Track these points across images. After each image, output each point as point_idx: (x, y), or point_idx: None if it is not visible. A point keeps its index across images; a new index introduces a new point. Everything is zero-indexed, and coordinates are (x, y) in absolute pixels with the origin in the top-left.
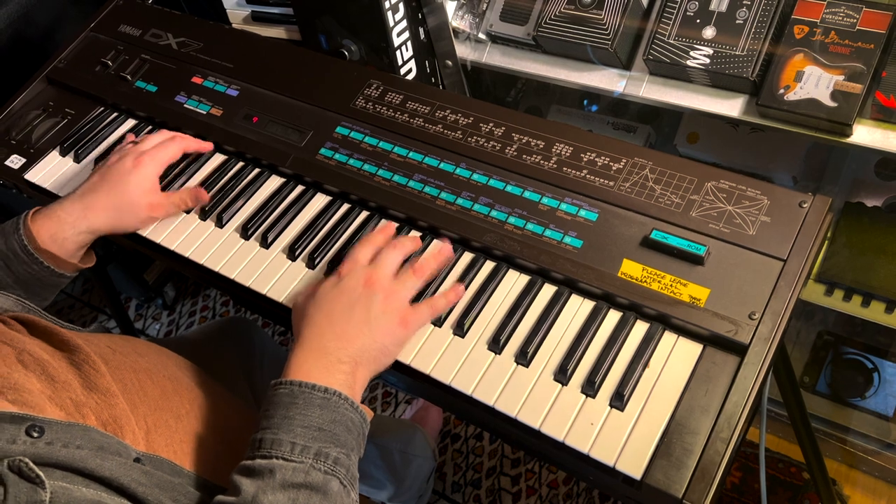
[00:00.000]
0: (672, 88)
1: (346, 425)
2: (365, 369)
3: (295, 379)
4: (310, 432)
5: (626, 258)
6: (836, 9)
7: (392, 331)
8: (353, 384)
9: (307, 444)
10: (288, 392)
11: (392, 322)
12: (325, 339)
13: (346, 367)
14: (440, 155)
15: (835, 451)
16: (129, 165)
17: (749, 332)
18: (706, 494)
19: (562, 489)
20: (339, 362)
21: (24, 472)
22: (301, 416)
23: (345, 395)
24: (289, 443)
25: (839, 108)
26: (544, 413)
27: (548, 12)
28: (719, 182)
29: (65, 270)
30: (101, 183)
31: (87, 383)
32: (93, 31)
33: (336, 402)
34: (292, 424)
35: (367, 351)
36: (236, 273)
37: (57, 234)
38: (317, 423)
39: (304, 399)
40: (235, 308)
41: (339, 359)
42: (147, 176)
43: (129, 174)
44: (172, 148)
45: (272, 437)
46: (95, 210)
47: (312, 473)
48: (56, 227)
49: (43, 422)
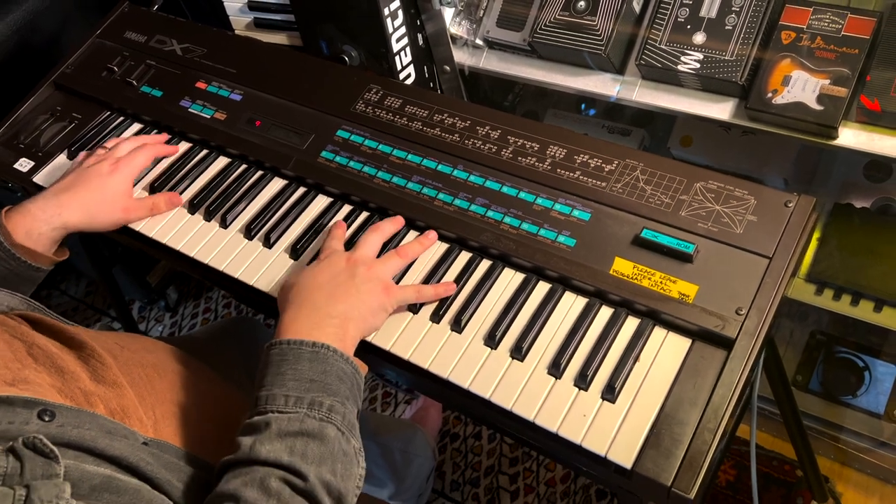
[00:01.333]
0: (664, 92)
1: (337, 375)
2: (354, 326)
3: (284, 338)
4: (302, 384)
5: (618, 256)
6: (822, 15)
7: (377, 295)
8: (343, 337)
9: (300, 395)
10: (278, 351)
11: (377, 287)
12: (313, 297)
13: (336, 320)
14: (438, 157)
15: (827, 449)
16: (107, 169)
17: (736, 327)
18: (694, 482)
19: (559, 487)
20: (329, 317)
21: (38, 447)
22: (292, 370)
23: (334, 347)
24: (282, 396)
25: (825, 112)
26: (538, 405)
27: (543, 19)
28: (708, 182)
29: (41, 264)
30: (78, 183)
31: (95, 376)
32: (99, 37)
33: (325, 354)
34: (284, 379)
35: (355, 307)
36: (240, 272)
37: (32, 230)
38: (308, 375)
39: (293, 354)
40: (237, 309)
41: (328, 314)
42: (124, 180)
43: (107, 177)
44: (144, 155)
45: (266, 393)
46: (70, 207)
47: (307, 421)
48: (31, 223)
49: (54, 406)
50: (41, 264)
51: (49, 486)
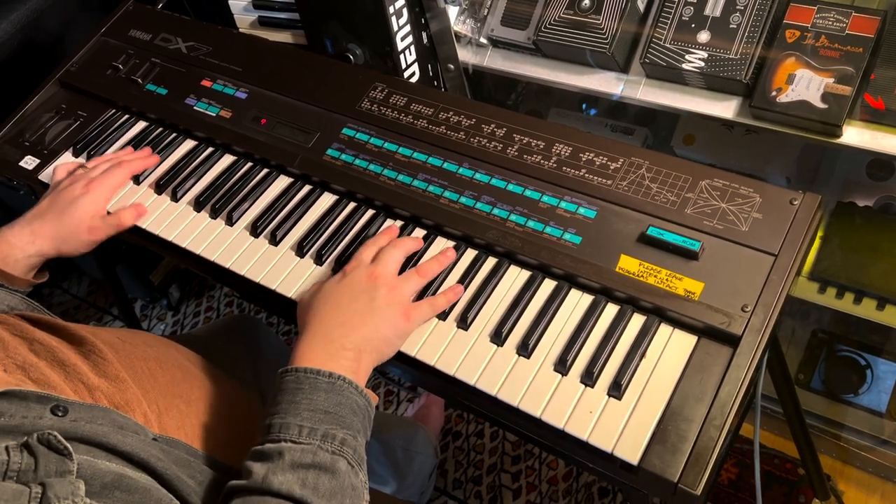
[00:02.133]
0: (668, 91)
1: (351, 408)
2: (368, 357)
3: (300, 366)
4: (316, 415)
5: (624, 254)
6: (827, 13)
7: (394, 322)
8: (357, 370)
9: (314, 426)
10: (294, 378)
11: (395, 314)
12: (329, 327)
13: (351, 353)
14: (443, 155)
15: (829, 447)
16: (79, 192)
17: (741, 324)
18: (700, 478)
19: (561, 485)
20: (343, 349)
21: (52, 444)
22: (307, 400)
23: (349, 378)
24: (296, 426)
25: (829, 110)
26: (545, 402)
27: (547, 17)
28: (713, 180)
29: (19, 287)
30: (50, 209)
31: (97, 371)
32: (104, 35)
33: (341, 386)
34: (299, 408)
35: (370, 340)
36: (246, 269)
37: (8, 258)
38: (323, 406)
39: (309, 384)
40: (240, 308)
41: (342, 346)
42: (95, 202)
43: (78, 199)
44: (120, 174)
45: (280, 421)
46: (42, 237)
47: (320, 454)
48: (7, 251)
49: (66, 402)
50: (18, 287)
51: (64, 483)
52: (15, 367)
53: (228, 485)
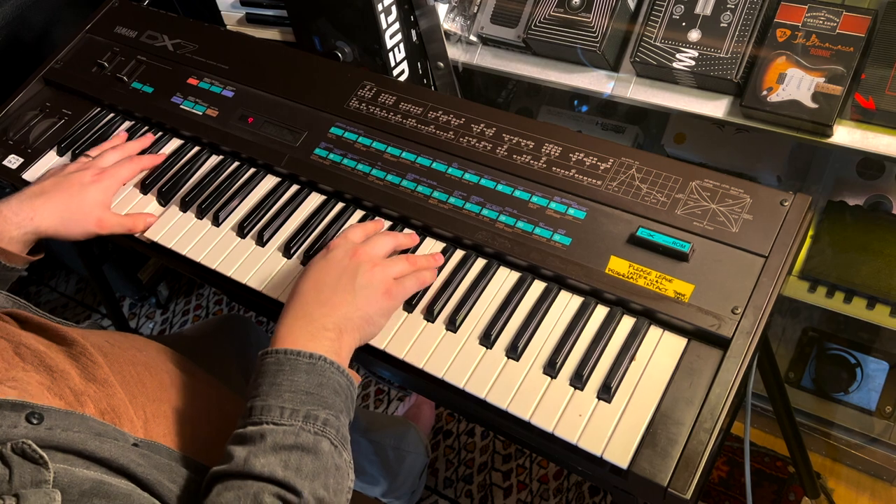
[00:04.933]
0: (658, 90)
1: (333, 388)
2: (350, 337)
3: (280, 347)
4: (298, 396)
5: (614, 255)
6: (817, 13)
7: (376, 300)
8: (338, 350)
9: (296, 407)
10: (275, 360)
11: (376, 292)
12: (309, 307)
13: (331, 333)
14: (432, 155)
15: (819, 446)
16: (89, 179)
17: (732, 327)
18: (690, 482)
19: (552, 484)
20: (324, 329)
21: (27, 453)
22: (288, 381)
23: (330, 359)
24: (277, 408)
25: (820, 110)
26: (534, 405)
27: (537, 15)
28: (703, 181)
29: (16, 264)
30: (56, 189)
31: (86, 374)
32: (89, 32)
33: (322, 367)
34: (280, 390)
35: (350, 319)
36: (233, 271)
37: (3, 233)
38: (304, 387)
39: (290, 365)
40: (229, 307)
41: (323, 325)
42: (104, 191)
43: (88, 186)
44: (131, 168)
45: (261, 403)
46: (44, 214)
47: (302, 435)
48: (2, 226)
49: (42, 409)
50: (15, 264)
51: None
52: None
53: (211, 471)
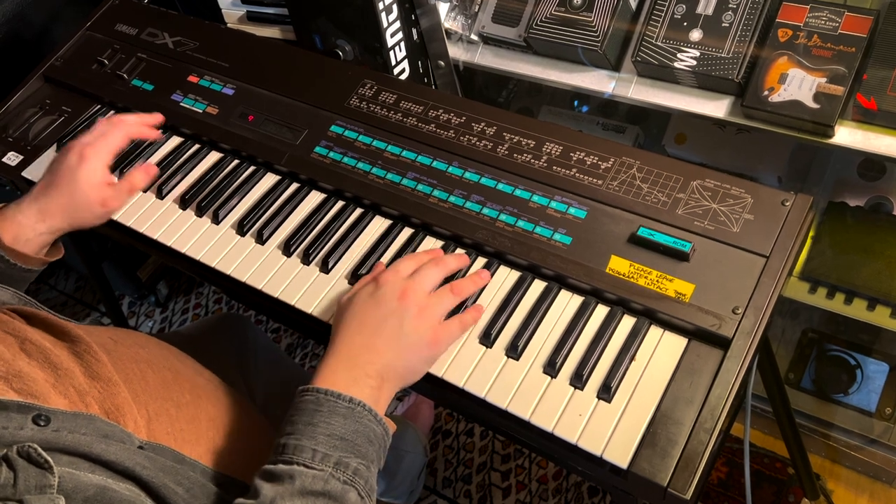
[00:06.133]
0: (660, 90)
1: (368, 436)
2: (390, 385)
3: (321, 387)
4: (332, 441)
5: (614, 254)
6: (819, 13)
7: (420, 350)
8: (378, 398)
9: (328, 452)
10: (314, 399)
11: (422, 341)
12: (355, 349)
13: (373, 381)
14: (433, 153)
15: (819, 447)
16: (74, 162)
17: (732, 327)
18: (690, 482)
19: (551, 484)
20: (367, 376)
21: (32, 457)
22: (325, 423)
23: (369, 406)
24: (310, 449)
25: (821, 110)
26: (534, 405)
27: (539, 14)
28: (705, 181)
29: (32, 266)
30: (51, 183)
31: (89, 372)
32: (89, 29)
33: (360, 413)
34: (315, 431)
35: (394, 368)
36: (232, 269)
37: (19, 236)
38: (339, 432)
39: (328, 407)
40: (228, 305)
41: (366, 372)
42: (94, 170)
43: (75, 171)
44: (116, 136)
45: (295, 442)
46: (51, 212)
47: (331, 482)
48: (17, 230)
49: (49, 411)
50: (33, 266)
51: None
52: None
53: (235, 502)
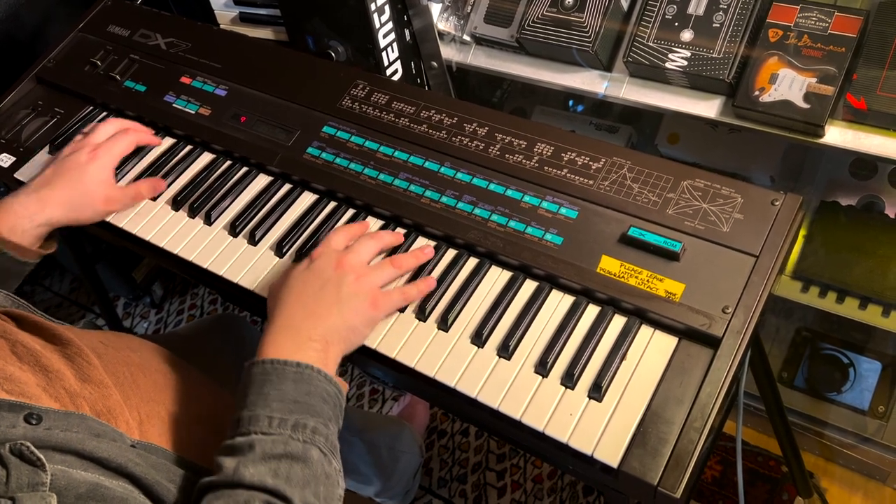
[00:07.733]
0: (651, 90)
1: (321, 396)
2: (336, 347)
3: (267, 357)
4: (285, 405)
5: (605, 254)
6: (809, 13)
7: (362, 311)
8: (325, 360)
9: (284, 416)
10: (261, 370)
11: (363, 303)
12: (295, 318)
13: (317, 344)
14: (425, 154)
15: (812, 445)
16: (84, 159)
17: (722, 326)
18: (680, 481)
19: (546, 484)
20: (310, 339)
21: (25, 455)
22: (276, 391)
23: (317, 367)
24: (266, 417)
25: (812, 110)
26: (525, 404)
27: (531, 15)
28: (695, 181)
29: (28, 258)
30: (56, 176)
31: (81, 375)
32: (81, 31)
33: (310, 375)
34: (268, 399)
35: (337, 330)
36: (224, 270)
37: (15, 227)
38: (292, 396)
39: (277, 375)
40: (223, 306)
41: (309, 336)
42: (103, 168)
43: (84, 167)
44: (126, 141)
45: (249, 413)
46: (51, 204)
47: (291, 444)
48: (14, 221)
49: (41, 410)
50: (28, 258)
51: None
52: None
53: (200, 482)
